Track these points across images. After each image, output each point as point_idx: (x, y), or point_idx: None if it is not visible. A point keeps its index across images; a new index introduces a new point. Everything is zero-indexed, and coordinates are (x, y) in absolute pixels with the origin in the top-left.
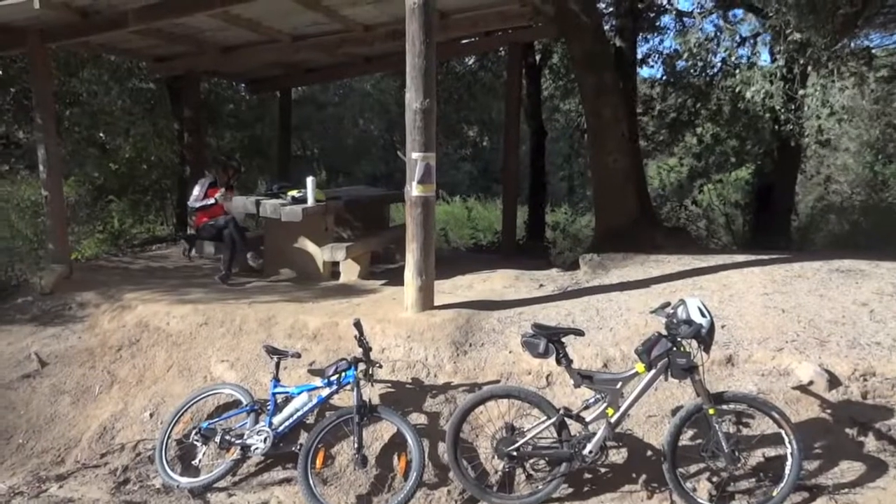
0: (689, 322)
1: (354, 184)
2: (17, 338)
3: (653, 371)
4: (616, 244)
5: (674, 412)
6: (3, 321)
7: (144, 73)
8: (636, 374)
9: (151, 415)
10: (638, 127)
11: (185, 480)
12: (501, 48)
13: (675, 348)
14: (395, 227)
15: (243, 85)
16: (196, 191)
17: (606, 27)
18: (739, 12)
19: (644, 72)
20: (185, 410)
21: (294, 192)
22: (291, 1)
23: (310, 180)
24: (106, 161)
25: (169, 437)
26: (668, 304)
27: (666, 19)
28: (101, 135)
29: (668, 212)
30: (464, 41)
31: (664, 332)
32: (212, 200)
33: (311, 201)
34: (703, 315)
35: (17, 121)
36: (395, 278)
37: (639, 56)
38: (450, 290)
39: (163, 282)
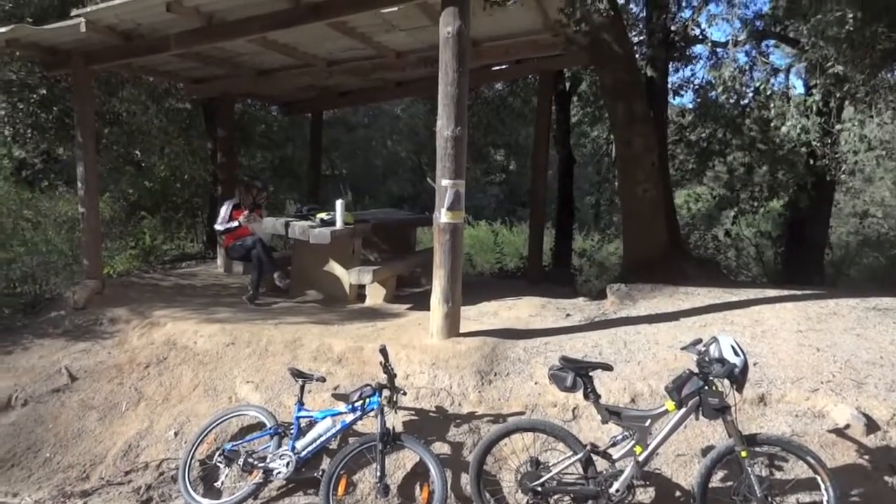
0: (721, 361)
1: (381, 206)
2: (49, 351)
3: (683, 410)
4: (644, 275)
5: (704, 452)
6: (36, 334)
7: (181, 94)
8: (666, 411)
9: (176, 434)
10: (668, 156)
11: (206, 502)
12: (532, 75)
13: (706, 387)
14: (422, 250)
15: (276, 107)
16: (221, 212)
17: (637, 56)
18: (772, 42)
19: (674, 100)
20: (210, 431)
21: (323, 215)
22: (327, 27)
23: (339, 203)
24: (140, 179)
25: (193, 458)
26: (699, 341)
27: (698, 48)
28: (138, 153)
29: (696, 241)
30: (494, 68)
31: (695, 370)
32: (235, 223)
33: (339, 224)
34: (736, 354)
35: (59, 138)
36: (421, 303)
37: (670, 85)
38: (475, 316)
39: (191, 300)
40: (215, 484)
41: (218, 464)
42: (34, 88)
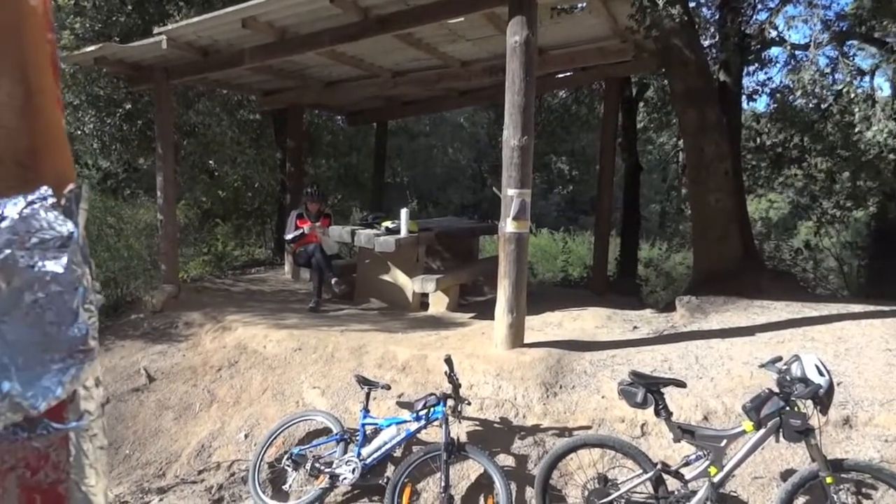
0: (804, 380)
1: (444, 213)
2: (129, 352)
3: (762, 431)
4: (716, 287)
5: (783, 476)
6: (118, 336)
7: (252, 106)
8: (743, 432)
9: (246, 436)
10: (741, 164)
11: None
12: (598, 82)
13: (787, 408)
14: (485, 259)
15: (341, 117)
16: (288, 223)
17: (709, 60)
18: (855, 43)
19: (748, 105)
20: (278, 434)
21: (388, 223)
22: (394, 38)
23: (404, 212)
24: (214, 187)
25: (262, 460)
26: (779, 359)
27: (774, 51)
28: (212, 162)
29: (769, 251)
30: (559, 75)
31: (776, 390)
32: (300, 231)
33: (404, 232)
34: (820, 374)
35: (141, 150)
36: (484, 312)
37: (744, 90)
38: (539, 327)
39: (261, 305)
40: (283, 487)
41: (286, 467)
42: (120, 103)
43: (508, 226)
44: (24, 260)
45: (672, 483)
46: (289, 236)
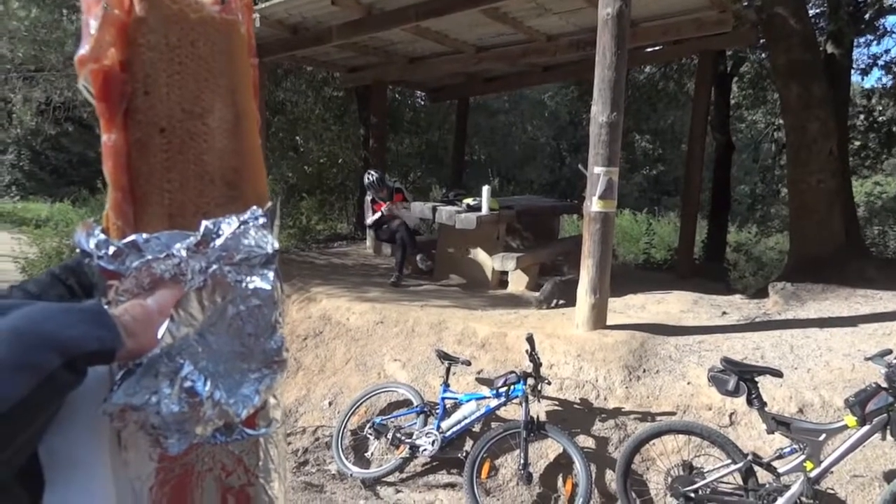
0: None
1: (524, 192)
2: None
3: (867, 427)
4: (814, 274)
5: (887, 476)
6: None
7: (337, 83)
8: (845, 426)
9: (330, 403)
10: (848, 143)
11: (357, 470)
12: (690, 56)
13: None
14: (564, 239)
15: (423, 93)
16: (366, 207)
17: (816, 30)
18: None
19: (862, 80)
20: (361, 404)
21: (469, 200)
22: (479, 13)
23: (485, 189)
24: (300, 163)
25: (345, 428)
26: (889, 352)
27: (892, 20)
28: (298, 138)
29: (874, 237)
30: (649, 49)
31: (883, 384)
32: (378, 214)
33: (485, 210)
34: None
35: None
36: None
37: (854, 64)
38: (621, 309)
39: (344, 278)
40: (365, 454)
41: (368, 435)
42: None
43: (594, 205)
44: (231, 275)
45: (763, 476)
46: (369, 221)
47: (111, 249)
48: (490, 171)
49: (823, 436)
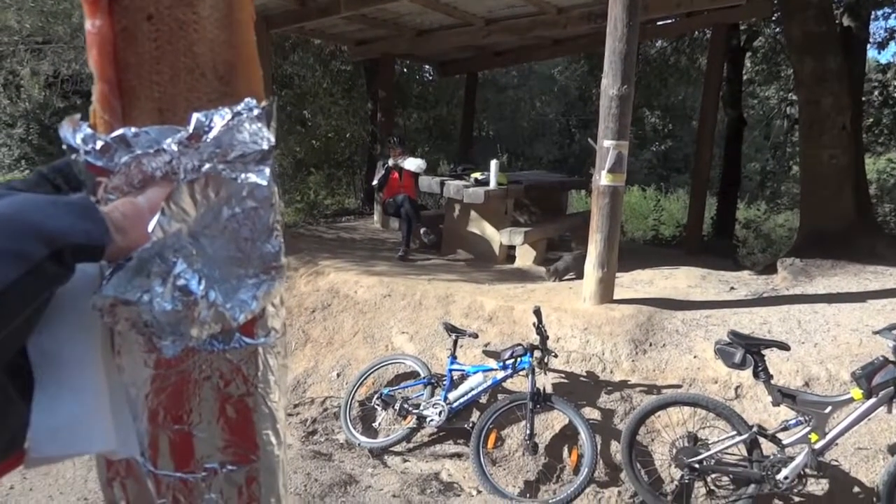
0: None
1: (535, 168)
2: None
3: (873, 400)
4: (824, 249)
5: (891, 449)
6: None
7: (345, 56)
8: (850, 399)
9: (338, 374)
10: (863, 119)
11: (364, 440)
12: (702, 30)
13: None
14: (572, 214)
15: (431, 67)
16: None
17: (833, 2)
18: None
19: (880, 54)
20: (369, 375)
21: (477, 175)
22: None
23: (493, 163)
24: (307, 137)
25: (353, 398)
26: None
27: None
28: (306, 113)
29: (885, 215)
30: (660, 22)
31: (891, 358)
32: (383, 171)
33: (493, 184)
34: None
35: None
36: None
37: (870, 37)
38: (629, 284)
39: (352, 252)
40: (373, 424)
41: (375, 406)
42: None
43: (603, 178)
44: (226, 173)
45: (767, 447)
46: (375, 181)
47: (98, 144)
48: (498, 146)
49: (829, 408)
